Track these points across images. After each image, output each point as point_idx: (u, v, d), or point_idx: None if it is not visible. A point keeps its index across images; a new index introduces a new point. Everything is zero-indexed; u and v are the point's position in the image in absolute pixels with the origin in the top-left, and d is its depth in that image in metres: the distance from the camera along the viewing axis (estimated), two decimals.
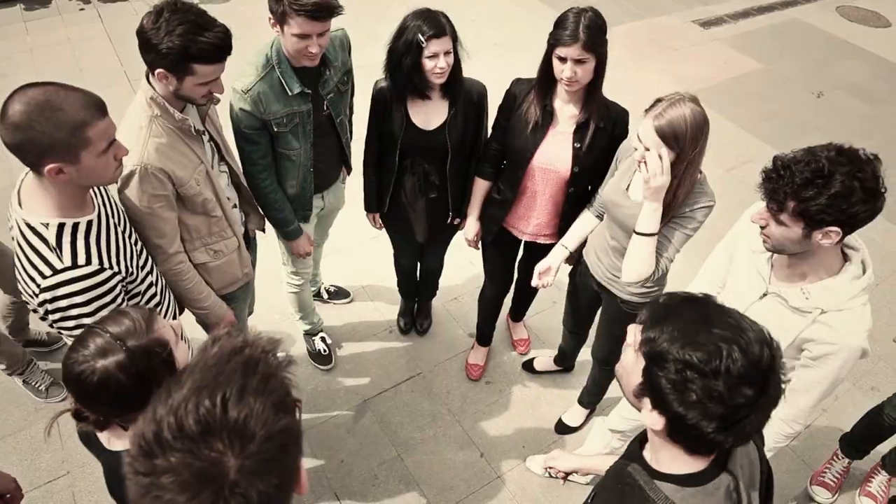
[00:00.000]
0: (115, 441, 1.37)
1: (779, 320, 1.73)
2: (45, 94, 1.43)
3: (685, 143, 1.91)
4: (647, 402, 1.08)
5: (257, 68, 2.16)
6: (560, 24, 2.12)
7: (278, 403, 0.77)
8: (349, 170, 2.78)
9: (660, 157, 1.91)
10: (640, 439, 1.26)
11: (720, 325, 1.01)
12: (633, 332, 1.11)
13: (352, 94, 2.61)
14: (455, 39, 2.23)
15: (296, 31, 2.01)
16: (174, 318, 2.02)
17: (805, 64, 6.42)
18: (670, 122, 1.88)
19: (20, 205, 1.57)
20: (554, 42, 2.12)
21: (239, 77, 2.16)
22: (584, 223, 2.49)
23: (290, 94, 2.19)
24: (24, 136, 1.41)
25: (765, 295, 1.79)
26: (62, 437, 2.83)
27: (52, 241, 1.53)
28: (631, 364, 1.11)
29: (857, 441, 2.81)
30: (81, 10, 6.06)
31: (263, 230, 2.59)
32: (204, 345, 0.83)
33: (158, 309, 1.91)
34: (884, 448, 2.80)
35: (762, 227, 1.64)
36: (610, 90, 2.27)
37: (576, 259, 2.62)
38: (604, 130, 2.29)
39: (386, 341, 3.44)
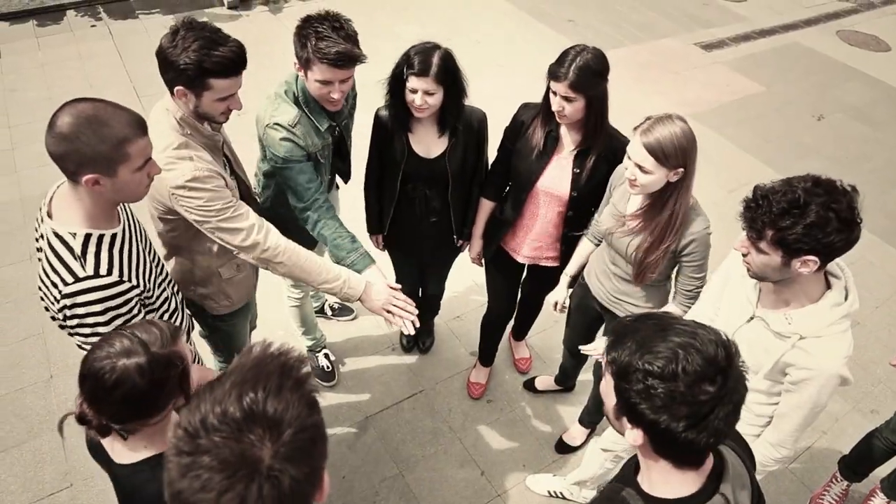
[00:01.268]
0: (124, 453, 1.39)
1: (763, 344, 1.77)
2: (94, 109, 1.49)
3: (674, 159, 1.94)
4: (625, 421, 1.12)
5: (291, 104, 2.20)
6: (559, 58, 2.16)
7: (310, 403, 0.85)
8: (347, 179, 2.83)
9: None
10: (635, 463, 1.28)
11: (675, 333, 1.06)
12: (604, 362, 1.16)
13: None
14: (447, 82, 2.24)
15: (318, 77, 2.07)
16: (187, 334, 2.06)
17: (806, 87, 6.49)
18: (658, 139, 1.92)
19: (49, 216, 1.62)
20: (548, 75, 2.18)
21: (275, 113, 2.19)
22: (583, 250, 2.57)
23: (321, 129, 2.26)
24: (70, 147, 1.48)
25: (751, 318, 1.83)
26: (66, 450, 2.84)
27: (78, 250, 1.58)
28: (605, 388, 1.16)
29: (855, 463, 2.82)
30: (93, 26, 6.15)
31: None
32: (242, 353, 0.90)
33: (173, 322, 1.94)
34: (882, 471, 2.80)
35: (744, 255, 1.69)
36: (611, 112, 2.31)
37: (574, 280, 2.66)
38: (605, 159, 2.33)
39: (388, 358, 3.46)
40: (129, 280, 1.65)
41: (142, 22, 6.29)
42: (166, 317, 1.90)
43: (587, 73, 2.11)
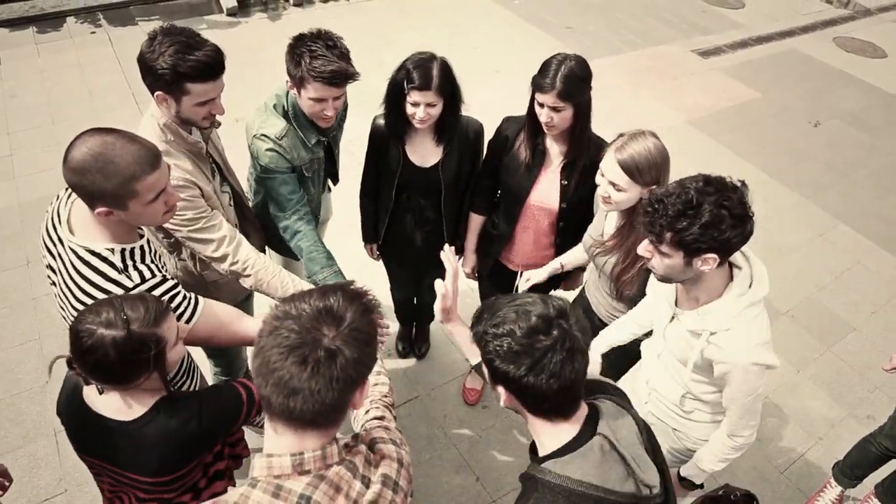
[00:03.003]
0: (124, 411, 1.50)
1: (686, 341, 1.82)
2: (102, 146, 1.48)
3: (647, 176, 1.95)
4: (499, 387, 1.28)
5: (279, 118, 2.22)
6: (542, 69, 2.15)
7: (369, 321, 1.12)
8: (336, 181, 2.84)
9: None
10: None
11: (519, 301, 1.26)
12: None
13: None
14: (447, 93, 2.23)
15: (312, 94, 2.09)
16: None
17: (802, 93, 6.52)
18: (632, 156, 1.93)
19: (71, 232, 1.63)
20: (533, 87, 2.18)
21: (263, 125, 2.21)
22: (580, 251, 2.53)
23: (309, 144, 2.28)
24: (79, 181, 1.49)
25: (672, 318, 1.87)
26: (60, 456, 2.85)
27: (119, 264, 1.61)
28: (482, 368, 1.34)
29: (849, 469, 2.82)
30: (92, 33, 6.18)
31: (264, 251, 2.63)
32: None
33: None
34: (877, 476, 2.80)
35: (648, 259, 1.71)
36: (609, 118, 2.32)
37: (561, 269, 2.63)
38: (591, 169, 2.30)
39: (384, 364, 3.46)
40: (171, 277, 1.71)
41: (141, 28, 6.32)
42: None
43: (573, 81, 2.10)
